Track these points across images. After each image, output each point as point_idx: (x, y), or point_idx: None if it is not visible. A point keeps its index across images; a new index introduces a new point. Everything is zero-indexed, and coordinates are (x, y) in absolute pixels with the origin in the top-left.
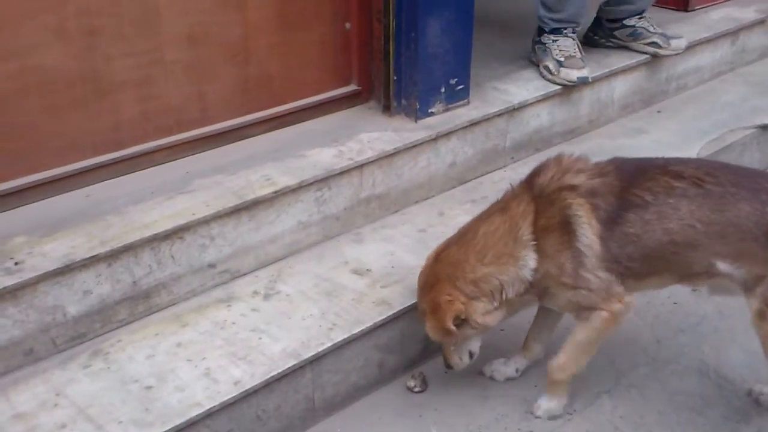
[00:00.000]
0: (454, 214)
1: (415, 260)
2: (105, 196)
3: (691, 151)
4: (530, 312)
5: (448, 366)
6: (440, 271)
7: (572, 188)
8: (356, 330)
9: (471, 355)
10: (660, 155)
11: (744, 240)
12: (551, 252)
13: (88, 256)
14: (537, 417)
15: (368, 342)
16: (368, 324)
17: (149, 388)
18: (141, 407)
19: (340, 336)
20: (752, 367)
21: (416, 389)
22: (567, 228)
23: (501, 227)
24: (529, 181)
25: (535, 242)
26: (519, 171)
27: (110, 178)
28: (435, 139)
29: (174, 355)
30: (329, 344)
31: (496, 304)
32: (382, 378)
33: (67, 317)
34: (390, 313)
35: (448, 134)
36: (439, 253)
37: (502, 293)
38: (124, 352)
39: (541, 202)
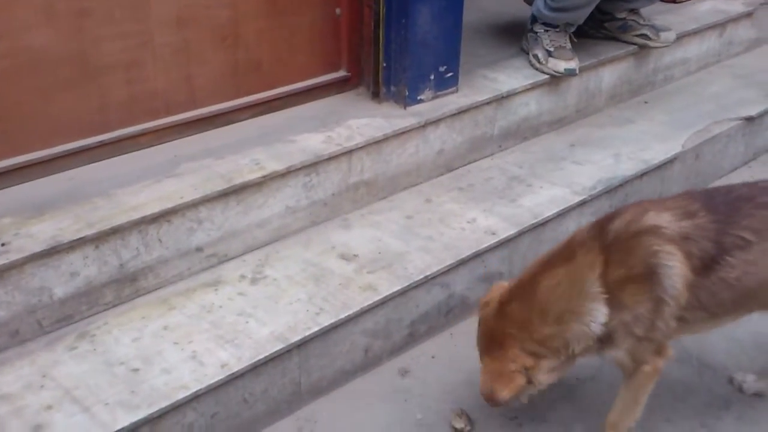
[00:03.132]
0: (442, 201)
1: (402, 246)
2: (92, 179)
3: (677, 142)
4: None
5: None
6: (506, 329)
7: (656, 231)
8: (343, 315)
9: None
10: (647, 146)
11: None
12: (630, 303)
13: (75, 238)
14: None
15: (355, 327)
16: (355, 309)
17: (136, 370)
18: (127, 389)
19: (326, 321)
20: (734, 355)
21: (467, 429)
22: (651, 278)
23: (565, 280)
24: (601, 226)
25: (606, 295)
26: (507, 159)
27: (98, 161)
28: (423, 126)
29: (160, 337)
30: (316, 329)
31: (562, 359)
32: (368, 363)
33: (54, 299)
34: (377, 298)
35: (436, 121)
36: (503, 305)
37: (568, 349)
38: (110, 335)
39: (616, 249)
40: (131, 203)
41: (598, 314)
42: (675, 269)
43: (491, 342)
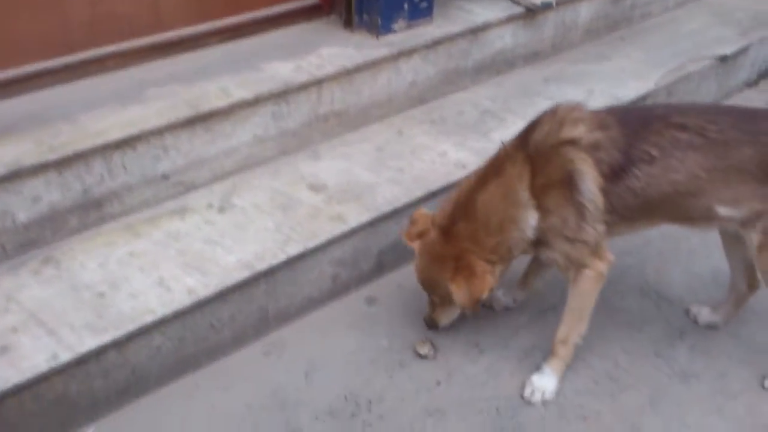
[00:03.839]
0: (413, 134)
1: (372, 178)
2: (55, 103)
3: (651, 79)
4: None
5: (434, 326)
6: (460, 246)
7: (572, 142)
8: (311, 244)
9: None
10: (621, 83)
11: (745, 182)
12: (554, 207)
13: (37, 162)
14: (527, 398)
15: (323, 256)
16: (323, 239)
17: (102, 295)
18: (93, 313)
19: (294, 249)
20: (692, 288)
21: (431, 355)
22: (569, 183)
23: (498, 193)
24: (524, 139)
25: (534, 201)
26: (480, 93)
27: (60, 84)
28: (396, 56)
29: (127, 263)
30: (284, 257)
31: (506, 263)
32: (335, 291)
33: (17, 224)
34: (345, 228)
35: (409, 52)
36: (447, 229)
37: (509, 254)
38: (75, 260)
39: (539, 159)
40: (95, 128)
41: (531, 219)
42: (587, 174)
43: (446, 263)
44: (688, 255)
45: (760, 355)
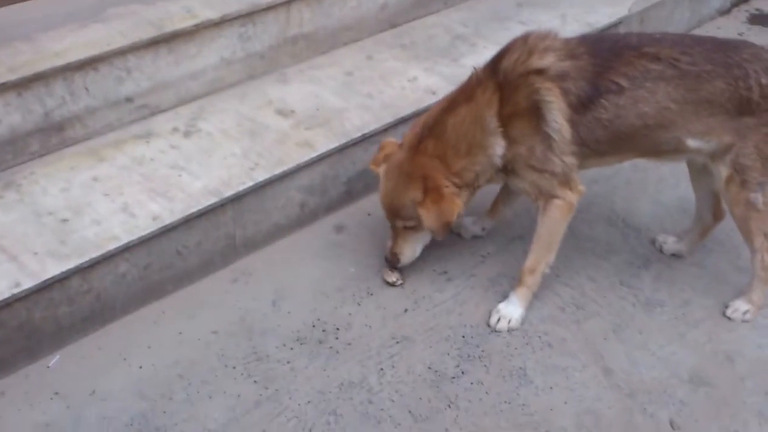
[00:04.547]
0: (383, 58)
1: (341, 103)
2: (12, 21)
3: (624, 6)
4: None
5: (396, 263)
6: (426, 164)
7: (540, 72)
8: (278, 170)
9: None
10: (594, 9)
11: (715, 115)
12: (520, 137)
13: None
14: (493, 325)
15: (290, 183)
16: (291, 165)
17: (65, 221)
18: (56, 239)
19: (261, 176)
20: (658, 218)
21: (398, 283)
22: (536, 113)
23: (468, 118)
24: (494, 66)
25: (502, 129)
26: (452, 17)
27: (18, 1)
28: None
29: (90, 188)
30: (251, 183)
31: (472, 191)
32: (303, 219)
33: None
34: (313, 155)
35: None
36: (415, 146)
37: (475, 181)
38: (37, 185)
39: (507, 88)
40: (55, 49)
41: (498, 147)
42: (554, 104)
43: (413, 181)
44: (656, 184)
45: (723, 285)
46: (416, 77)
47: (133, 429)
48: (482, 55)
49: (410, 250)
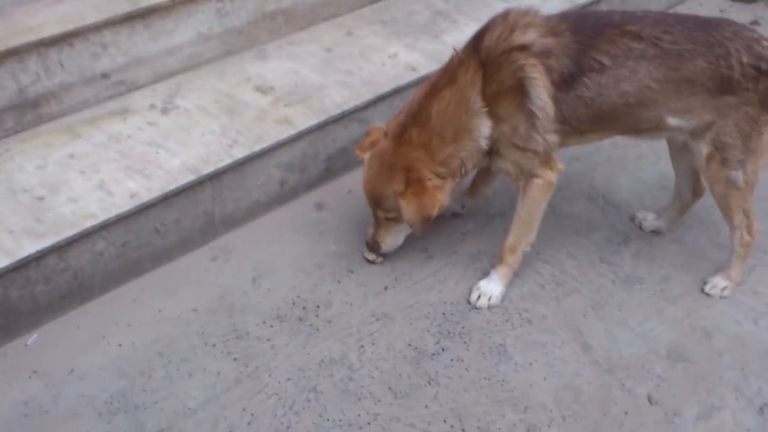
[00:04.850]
0: (363, 34)
1: (320, 79)
2: None
3: None
4: None
5: (377, 250)
6: (409, 155)
7: (523, 48)
8: (257, 148)
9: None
10: None
11: (696, 94)
12: (505, 115)
13: None
14: (473, 303)
15: (270, 160)
16: (270, 142)
17: (41, 198)
18: (32, 217)
19: (240, 153)
20: (638, 194)
21: (378, 260)
22: (520, 90)
23: (452, 101)
24: (475, 44)
25: (487, 108)
26: None
27: None
28: None
29: (66, 166)
30: (229, 161)
31: (458, 180)
32: (283, 196)
33: None
34: (292, 132)
35: None
36: (399, 135)
37: (461, 169)
38: (13, 162)
39: (490, 66)
40: (29, 24)
41: (484, 128)
42: (538, 81)
43: (396, 173)
44: (636, 161)
45: (702, 261)
46: (396, 53)
47: (113, 407)
48: (463, 31)
49: (391, 239)
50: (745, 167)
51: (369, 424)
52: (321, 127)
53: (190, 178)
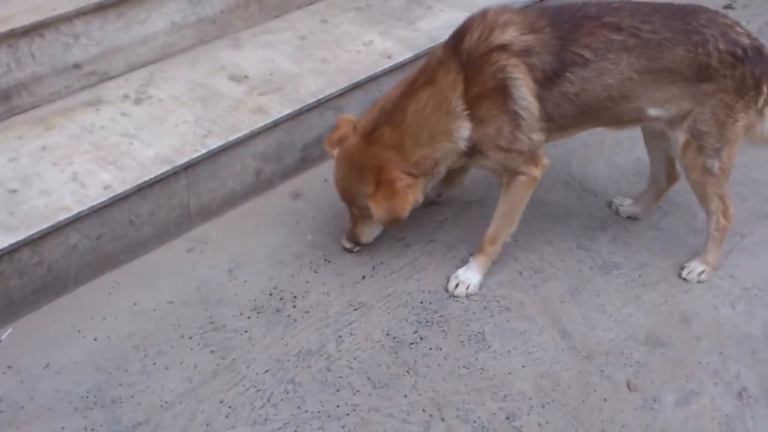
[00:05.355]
0: (338, 21)
1: (296, 68)
2: None
3: None
4: None
5: (356, 242)
6: (380, 155)
7: (503, 48)
8: (232, 137)
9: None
10: None
11: (675, 82)
12: (488, 118)
13: None
14: (451, 291)
15: (245, 150)
16: (245, 132)
17: (13, 191)
18: (5, 210)
19: (215, 143)
20: (615, 180)
21: (356, 249)
22: (503, 91)
23: (430, 103)
24: (455, 46)
25: (468, 111)
26: None
27: None
28: None
29: (39, 158)
30: (204, 151)
31: (430, 179)
32: (259, 186)
33: None
34: (267, 121)
35: None
36: (370, 134)
37: (435, 169)
38: None
39: (472, 68)
40: None
41: (464, 130)
42: (521, 81)
43: (366, 174)
44: (612, 147)
45: (679, 246)
46: (372, 41)
47: (89, 401)
48: (438, 18)
49: (368, 232)
50: (720, 155)
51: (348, 414)
52: (296, 115)
53: (164, 168)
